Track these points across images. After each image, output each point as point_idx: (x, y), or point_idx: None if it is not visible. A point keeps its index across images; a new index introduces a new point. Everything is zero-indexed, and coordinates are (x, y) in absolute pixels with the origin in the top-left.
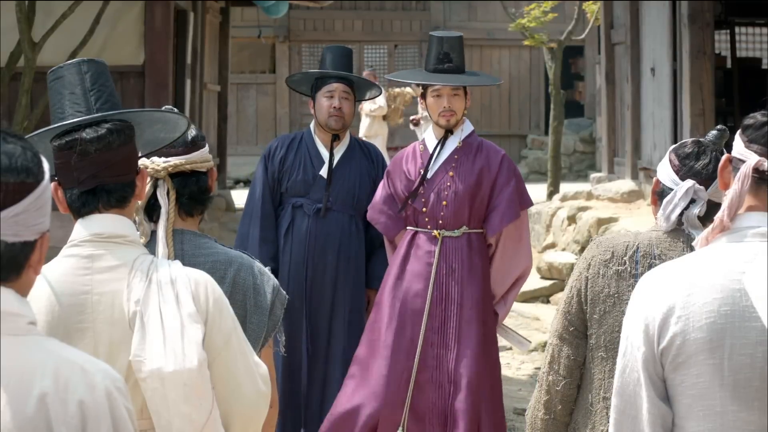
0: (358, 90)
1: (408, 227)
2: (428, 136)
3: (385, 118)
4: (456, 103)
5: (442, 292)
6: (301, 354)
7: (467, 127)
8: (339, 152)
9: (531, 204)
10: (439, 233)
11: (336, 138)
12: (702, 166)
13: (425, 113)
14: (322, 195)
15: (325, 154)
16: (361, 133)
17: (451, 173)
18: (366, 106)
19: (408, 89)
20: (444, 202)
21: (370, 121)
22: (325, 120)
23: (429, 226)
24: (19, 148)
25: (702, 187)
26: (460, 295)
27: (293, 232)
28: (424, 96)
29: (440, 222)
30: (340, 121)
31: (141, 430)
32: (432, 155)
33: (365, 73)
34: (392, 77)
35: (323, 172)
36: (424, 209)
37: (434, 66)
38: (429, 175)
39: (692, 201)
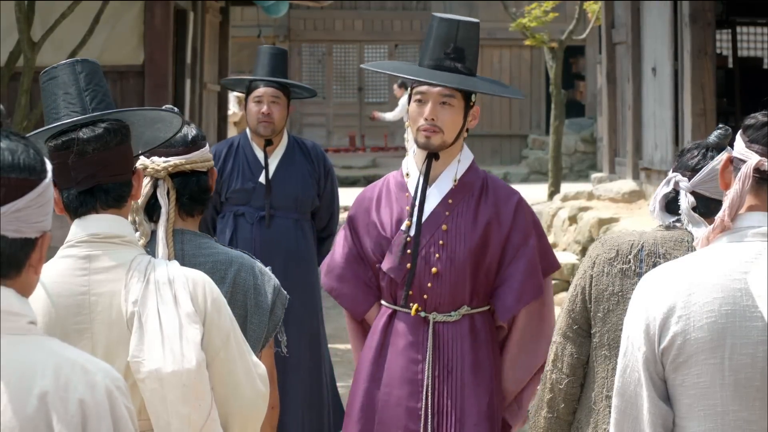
0: (295, 90)
1: (382, 302)
2: (410, 164)
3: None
4: (444, 116)
5: (435, 404)
6: None
7: (466, 157)
8: (276, 157)
9: (557, 267)
10: (428, 316)
11: (269, 143)
12: (688, 158)
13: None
14: (264, 202)
15: (263, 160)
16: None
17: (444, 226)
18: None
19: None
20: (434, 270)
21: None
22: (254, 126)
23: (412, 304)
24: (22, 145)
25: (684, 178)
26: (459, 410)
27: (237, 242)
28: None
29: (426, 298)
30: (269, 127)
31: (140, 431)
32: (416, 195)
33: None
34: (370, 66)
35: (262, 179)
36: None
37: (432, 61)
38: (411, 231)
39: (678, 194)
